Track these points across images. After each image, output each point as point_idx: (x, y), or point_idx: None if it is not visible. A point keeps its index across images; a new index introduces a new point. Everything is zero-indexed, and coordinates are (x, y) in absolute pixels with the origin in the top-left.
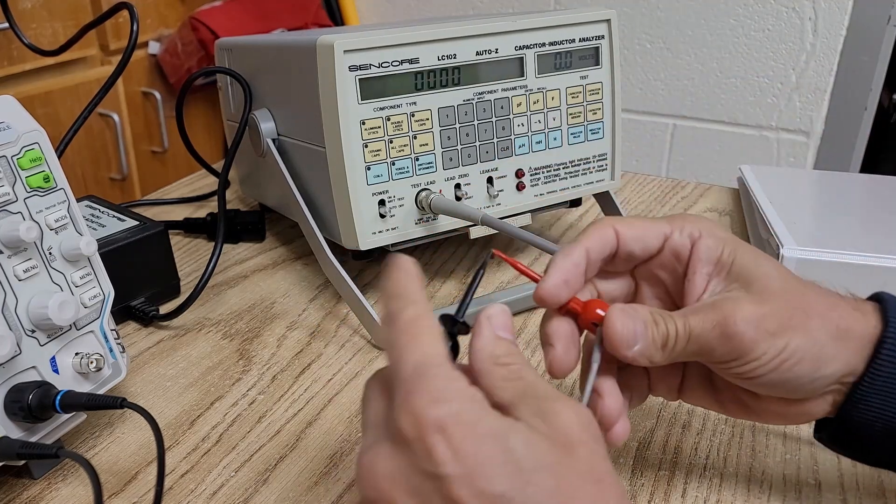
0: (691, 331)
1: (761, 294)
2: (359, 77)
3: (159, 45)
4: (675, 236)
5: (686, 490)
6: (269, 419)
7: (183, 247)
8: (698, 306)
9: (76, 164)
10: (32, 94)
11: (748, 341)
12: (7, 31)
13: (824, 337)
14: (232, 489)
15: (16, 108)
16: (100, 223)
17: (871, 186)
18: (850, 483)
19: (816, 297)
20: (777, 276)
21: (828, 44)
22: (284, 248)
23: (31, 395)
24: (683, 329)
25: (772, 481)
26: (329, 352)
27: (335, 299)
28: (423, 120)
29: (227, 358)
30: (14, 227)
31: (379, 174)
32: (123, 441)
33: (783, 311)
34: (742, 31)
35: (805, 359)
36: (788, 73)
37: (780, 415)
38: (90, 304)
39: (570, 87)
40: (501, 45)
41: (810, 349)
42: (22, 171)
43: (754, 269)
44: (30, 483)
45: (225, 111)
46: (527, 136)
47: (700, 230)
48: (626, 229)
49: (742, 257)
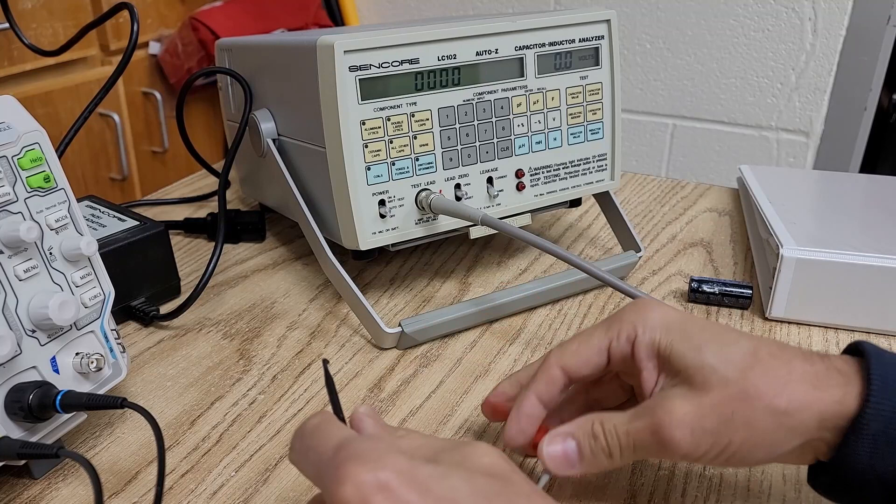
0: (634, 439)
1: (701, 388)
2: (359, 77)
3: (159, 45)
4: (614, 346)
5: (686, 490)
6: (270, 419)
7: (183, 247)
8: (640, 409)
9: (76, 164)
10: (33, 94)
11: (686, 446)
12: (7, 32)
13: (769, 425)
14: (232, 489)
15: (16, 108)
16: (100, 223)
17: (871, 186)
18: None
19: (762, 381)
20: (719, 362)
21: (827, 44)
22: (285, 248)
23: (31, 395)
24: (626, 438)
25: (771, 481)
26: (329, 352)
27: (335, 299)
28: (423, 120)
29: (228, 358)
30: (14, 228)
31: (379, 174)
32: (124, 441)
33: (723, 406)
34: (742, 31)
35: (756, 447)
36: (788, 74)
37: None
38: (90, 304)
39: (570, 87)
40: (501, 46)
41: (758, 440)
42: (22, 171)
43: (693, 360)
44: (30, 483)
45: (225, 111)
46: (527, 137)
47: (636, 327)
48: (570, 360)
49: (679, 348)
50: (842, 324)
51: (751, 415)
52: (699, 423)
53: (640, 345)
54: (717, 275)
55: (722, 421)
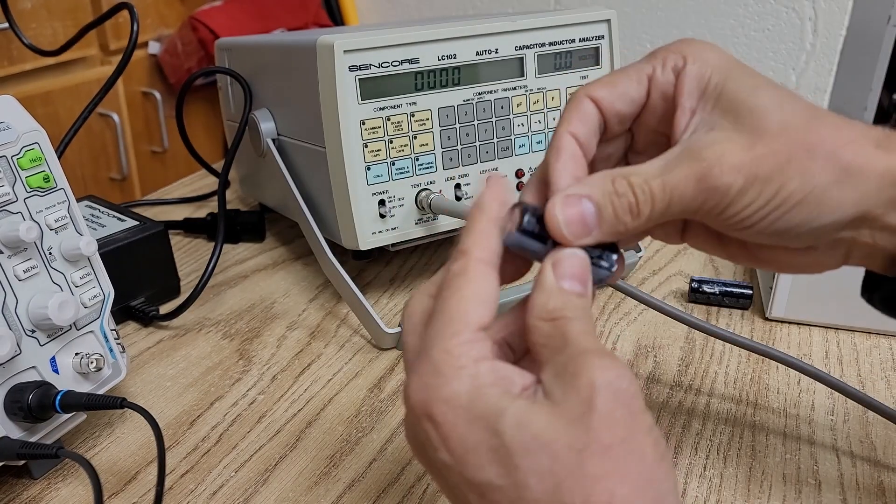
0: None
1: (755, 131)
2: (359, 77)
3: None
4: (658, 74)
5: (686, 490)
6: (269, 419)
7: (183, 247)
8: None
9: (76, 164)
10: (32, 94)
11: (735, 192)
12: (7, 31)
13: (827, 179)
14: (232, 489)
15: (16, 108)
16: (100, 223)
17: None
18: (850, 483)
19: (827, 132)
20: (776, 107)
21: (828, 44)
22: (284, 248)
23: (30, 395)
24: (661, 190)
25: (772, 481)
26: (329, 352)
27: (335, 299)
28: (423, 120)
29: (227, 358)
30: (14, 227)
31: (379, 174)
32: (123, 441)
33: (780, 153)
34: (742, 31)
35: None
36: (788, 73)
37: (789, 264)
38: (90, 304)
39: (571, 87)
40: (501, 45)
41: (808, 194)
42: (22, 170)
43: (748, 100)
44: (30, 483)
45: (225, 111)
46: (527, 136)
47: (685, 56)
48: (602, 90)
49: (734, 84)
50: (842, 324)
51: (809, 164)
52: (753, 168)
53: (688, 76)
54: (717, 275)
55: (777, 167)
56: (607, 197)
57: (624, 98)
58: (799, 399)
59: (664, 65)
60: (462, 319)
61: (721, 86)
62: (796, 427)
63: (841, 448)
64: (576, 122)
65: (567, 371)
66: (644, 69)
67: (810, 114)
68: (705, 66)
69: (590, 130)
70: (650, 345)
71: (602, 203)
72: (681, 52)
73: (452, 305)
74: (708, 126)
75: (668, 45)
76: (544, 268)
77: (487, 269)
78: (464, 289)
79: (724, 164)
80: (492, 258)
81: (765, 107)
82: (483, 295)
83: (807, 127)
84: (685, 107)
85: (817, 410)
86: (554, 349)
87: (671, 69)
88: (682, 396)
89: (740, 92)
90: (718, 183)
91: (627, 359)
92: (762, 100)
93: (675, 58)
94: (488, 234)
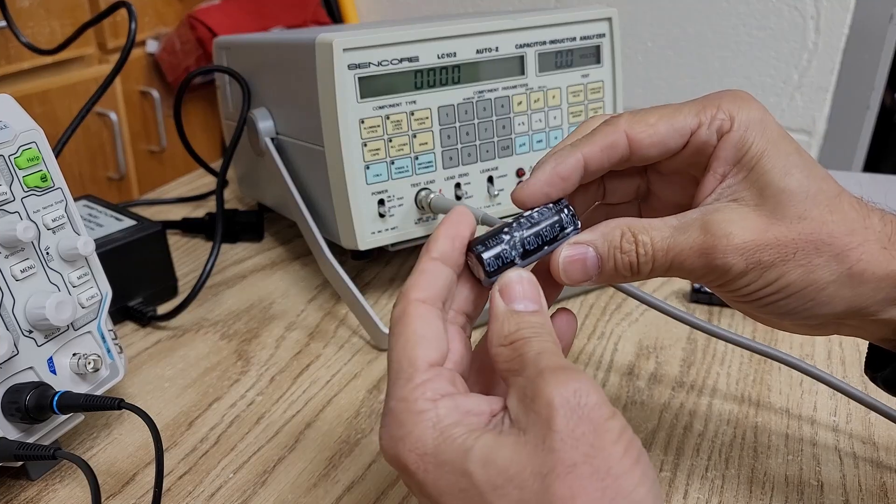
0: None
1: (774, 215)
2: (358, 75)
3: (157, 43)
4: (703, 132)
5: (688, 492)
6: (268, 420)
7: (181, 247)
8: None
9: (74, 163)
10: (30, 93)
11: (735, 273)
12: (4, 30)
13: (828, 278)
14: (230, 490)
15: (13, 107)
16: (97, 223)
17: (874, 186)
18: (853, 484)
19: (839, 230)
20: (802, 194)
21: (830, 42)
22: (283, 247)
23: (28, 396)
24: (664, 255)
25: (774, 482)
26: (328, 353)
27: (334, 300)
28: (422, 119)
29: (226, 359)
30: (11, 227)
31: (378, 173)
32: (121, 442)
33: (789, 245)
34: (744, 29)
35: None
36: (790, 72)
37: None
38: (88, 304)
39: (571, 85)
40: (502, 44)
41: (807, 287)
42: (19, 170)
43: (778, 182)
44: (27, 484)
45: (223, 110)
46: (527, 135)
47: (732, 118)
48: (643, 134)
49: (769, 162)
50: None
51: (815, 258)
52: (757, 253)
53: (729, 143)
54: None
55: (782, 257)
56: (611, 252)
57: (660, 146)
58: (801, 400)
59: (710, 124)
60: (411, 364)
61: (757, 159)
62: (798, 428)
63: (843, 449)
64: (599, 149)
65: (527, 395)
66: (689, 123)
67: (831, 206)
68: (749, 133)
69: (604, 163)
70: (652, 345)
71: (605, 256)
72: (729, 113)
73: (399, 352)
74: (731, 196)
75: (720, 100)
76: (493, 296)
77: (425, 308)
78: (405, 333)
79: (730, 243)
80: (431, 295)
81: (791, 192)
82: (425, 333)
83: (822, 220)
84: (717, 172)
85: (820, 411)
86: (515, 373)
87: (716, 130)
88: (683, 397)
89: (773, 171)
90: (720, 262)
91: (629, 359)
92: (791, 184)
93: (723, 118)
94: (428, 273)
